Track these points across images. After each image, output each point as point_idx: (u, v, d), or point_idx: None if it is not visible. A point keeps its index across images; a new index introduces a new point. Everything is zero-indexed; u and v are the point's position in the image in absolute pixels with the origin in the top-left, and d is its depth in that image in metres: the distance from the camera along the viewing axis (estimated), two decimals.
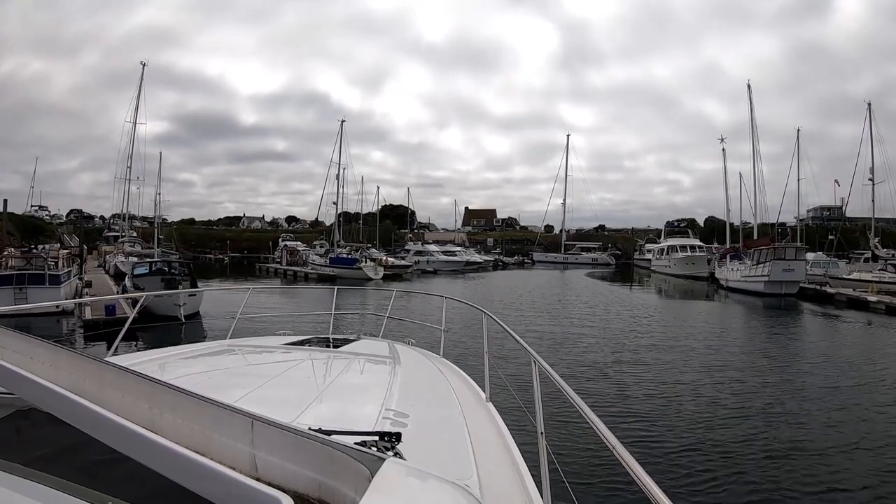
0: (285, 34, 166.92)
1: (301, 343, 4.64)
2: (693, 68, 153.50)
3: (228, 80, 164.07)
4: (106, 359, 1.93)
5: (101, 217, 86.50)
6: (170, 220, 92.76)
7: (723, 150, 52.94)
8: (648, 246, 69.63)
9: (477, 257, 65.11)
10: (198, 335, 15.83)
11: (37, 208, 69.62)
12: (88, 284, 23.96)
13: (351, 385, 3.37)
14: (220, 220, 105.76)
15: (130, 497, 1.20)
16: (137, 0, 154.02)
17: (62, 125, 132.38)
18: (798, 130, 47.23)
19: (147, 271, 21.58)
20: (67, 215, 65.91)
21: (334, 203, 52.61)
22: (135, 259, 36.67)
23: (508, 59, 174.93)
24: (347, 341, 4.92)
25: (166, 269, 22.15)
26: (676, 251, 54.48)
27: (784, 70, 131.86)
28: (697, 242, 57.27)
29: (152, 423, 1.18)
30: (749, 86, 47.05)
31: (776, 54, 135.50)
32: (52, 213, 68.48)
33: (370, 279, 40.76)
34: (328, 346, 4.56)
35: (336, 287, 8.22)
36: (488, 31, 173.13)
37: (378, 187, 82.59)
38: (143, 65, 43.99)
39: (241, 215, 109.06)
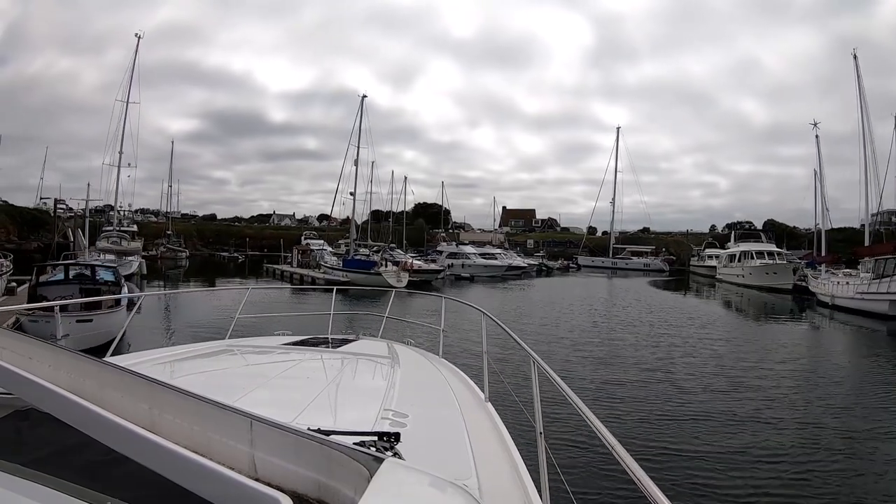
0: (309, 29, 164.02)
1: (300, 343, 4.66)
2: (728, 65, 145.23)
3: (256, 78, 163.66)
4: (105, 359, 2.01)
5: (140, 210, 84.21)
6: (194, 216, 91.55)
7: (816, 136, 44.82)
8: (710, 251, 61.95)
9: (519, 261, 56.77)
10: None
11: (45, 202, 66.37)
12: (10, 291, 18.02)
13: (350, 385, 3.42)
14: (251, 217, 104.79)
15: (130, 497, 1.20)
16: None
17: (92, 122, 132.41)
18: None
19: (62, 278, 15.79)
20: (94, 210, 62.52)
21: (351, 194, 44.27)
22: (111, 257, 31.79)
23: (539, 55, 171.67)
24: (346, 341, 4.96)
25: (89, 274, 16.43)
26: (752, 258, 46.62)
27: (822, 66, 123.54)
28: (775, 248, 49.34)
29: (152, 424, 1.17)
30: (855, 55, 38.60)
31: (814, 49, 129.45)
32: (68, 207, 64.64)
33: (391, 287, 31.59)
34: (327, 347, 4.59)
35: (335, 287, 7.85)
36: (518, 25, 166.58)
37: (406, 177, 76.36)
38: (139, 37, 39.09)
39: (272, 213, 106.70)
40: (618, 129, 77.62)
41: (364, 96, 46.07)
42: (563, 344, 15.98)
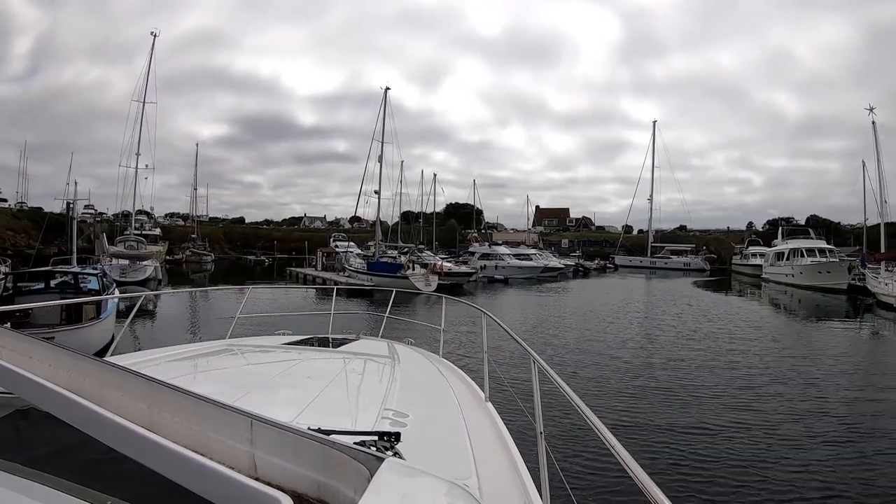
0: (335, 32, 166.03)
1: (300, 343, 4.66)
2: (758, 57, 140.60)
3: (284, 81, 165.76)
4: (105, 358, 2.04)
5: (169, 214, 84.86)
6: (223, 219, 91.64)
7: (872, 122, 41.86)
8: (754, 249, 58.93)
9: (556, 262, 54.28)
10: None
11: (69, 205, 66.57)
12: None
13: (350, 385, 3.41)
14: (283, 220, 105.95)
15: (129, 497, 1.21)
16: (183, 4, 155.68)
17: (122, 129, 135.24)
18: None
19: (42, 287, 14.42)
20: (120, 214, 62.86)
21: (375, 192, 42.56)
22: (124, 263, 31.14)
23: (567, 52, 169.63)
24: (347, 341, 4.94)
25: (72, 281, 15.08)
26: (802, 256, 43.68)
27: (856, 56, 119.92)
28: (826, 245, 46.21)
29: (151, 423, 1.17)
30: None
31: (847, 39, 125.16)
32: (98, 212, 64.90)
33: (419, 292, 26.41)
34: (327, 346, 4.57)
35: (335, 287, 7.97)
36: (545, 22, 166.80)
37: (435, 175, 74.91)
38: (154, 35, 38.47)
39: (303, 215, 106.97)
40: (654, 123, 75.58)
41: (387, 89, 45.14)
42: (616, 367, 13.50)
